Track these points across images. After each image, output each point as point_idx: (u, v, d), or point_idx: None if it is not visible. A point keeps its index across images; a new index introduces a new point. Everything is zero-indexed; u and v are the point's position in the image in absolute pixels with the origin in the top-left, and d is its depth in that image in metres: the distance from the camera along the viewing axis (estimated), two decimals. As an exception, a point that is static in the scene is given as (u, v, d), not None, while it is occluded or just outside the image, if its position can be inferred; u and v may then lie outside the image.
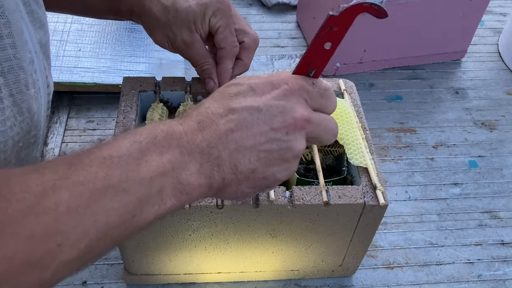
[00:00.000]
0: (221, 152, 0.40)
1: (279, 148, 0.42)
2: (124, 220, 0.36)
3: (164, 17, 0.64)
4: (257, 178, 0.42)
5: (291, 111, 0.42)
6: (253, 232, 0.63)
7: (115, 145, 0.37)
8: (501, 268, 0.78)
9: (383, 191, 0.60)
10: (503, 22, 1.24)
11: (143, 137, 0.38)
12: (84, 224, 0.34)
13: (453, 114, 1.02)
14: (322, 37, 0.43)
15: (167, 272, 0.70)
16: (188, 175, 0.38)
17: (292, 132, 0.42)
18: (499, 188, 0.89)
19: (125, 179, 0.36)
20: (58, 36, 1.01)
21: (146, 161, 0.37)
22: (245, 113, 0.41)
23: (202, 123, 0.40)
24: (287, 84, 0.43)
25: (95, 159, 0.36)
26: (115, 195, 0.35)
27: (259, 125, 0.41)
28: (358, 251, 0.69)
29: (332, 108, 0.45)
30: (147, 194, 0.37)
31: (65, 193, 0.33)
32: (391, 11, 0.97)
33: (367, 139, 0.66)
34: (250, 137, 0.40)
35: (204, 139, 0.39)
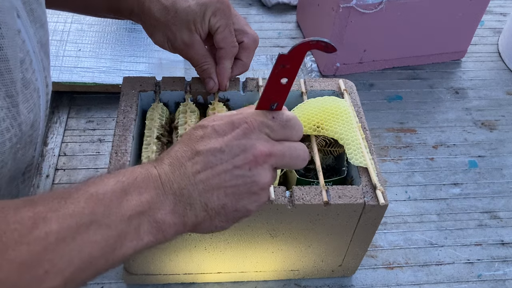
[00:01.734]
0: (191, 192, 0.43)
1: (245, 183, 0.45)
2: (106, 253, 0.39)
3: (164, 17, 0.64)
4: (228, 212, 0.45)
5: (251, 149, 0.44)
6: (253, 232, 0.63)
7: (101, 183, 0.41)
8: (501, 268, 0.78)
9: (383, 191, 0.60)
10: (503, 22, 1.24)
11: (125, 178, 0.41)
12: (70, 253, 0.37)
13: (453, 114, 1.02)
14: (276, 74, 0.45)
15: (167, 272, 0.70)
16: (163, 214, 0.42)
17: (254, 168, 0.45)
18: (499, 188, 0.89)
19: (108, 215, 0.39)
20: (58, 36, 1.01)
21: (127, 200, 0.40)
22: (209, 155, 0.44)
23: (172, 165, 0.44)
24: (246, 122, 0.46)
25: (82, 194, 0.39)
26: (99, 229, 0.38)
27: (222, 164, 0.44)
28: (358, 251, 0.69)
29: (296, 136, 0.48)
30: (126, 230, 0.40)
31: (55, 225, 0.36)
32: (391, 11, 0.97)
33: (367, 139, 0.66)
34: (215, 177, 0.44)
35: (175, 181, 0.43)
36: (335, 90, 0.72)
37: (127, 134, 0.63)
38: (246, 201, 0.46)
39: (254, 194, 0.46)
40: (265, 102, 0.47)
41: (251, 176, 0.45)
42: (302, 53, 0.44)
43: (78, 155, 0.88)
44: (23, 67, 0.49)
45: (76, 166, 0.86)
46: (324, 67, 1.05)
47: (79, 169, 0.86)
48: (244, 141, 0.45)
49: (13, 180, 0.55)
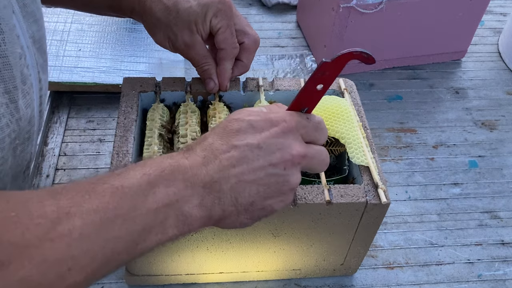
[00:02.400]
0: (222, 186, 0.43)
1: (277, 182, 0.45)
2: (129, 247, 0.39)
3: (165, 17, 0.64)
4: (256, 209, 0.45)
5: (289, 148, 0.45)
6: (255, 232, 0.63)
7: (127, 176, 0.40)
8: (501, 268, 0.79)
9: (385, 190, 0.60)
10: (503, 22, 1.24)
11: (152, 170, 0.41)
12: (94, 250, 0.36)
13: (453, 114, 1.02)
14: (315, 80, 0.46)
15: (168, 273, 0.70)
16: (191, 207, 0.41)
17: (290, 168, 0.45)
18: (499, 188, 0.89)
19: (134, 209, 0.38)
20: (58, 36, 1.01)
21: (153, 193, 0.40)
22: (246, 150, 0.43)
23: (206, 158, 0.43)
24: (285, 121, 0.46)
25: (108, 188, 0.38)
26: (123, 224, 0.38)
27: (258, 161, 0.44)
28: (360, 250, 0.69)
29: (323, 139, 0.49)
30: (151, 224, 0.39)
31: (78, 220, 0.36)
32: (391, 11, 0.97)
33: (367, 138, 0.66)
34: (250, 172, 0.43)
35: (208, 174, 0.42)
36: (335, 89, 0.73)
37: (128, 135, 0.63)
38: (273, 200, 0.46)
39: (282, 194, 0.46)
40: (297, 105, 0.48)
41: (284, 176, 0.45)
42: (344, 62, 0.45)
43: (78, 155, 0.88)
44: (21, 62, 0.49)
45: (76, 166, 0.86)
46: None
47: (79, 169, 0.86)
48: (282, 140, 0.45)
49: (16, 178, 0.55)
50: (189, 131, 0.65)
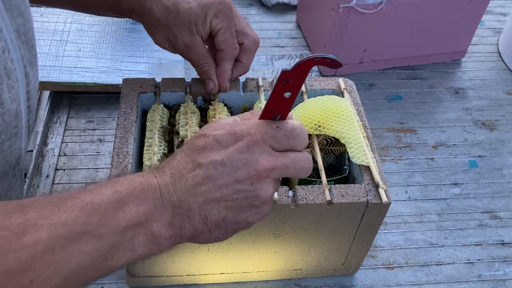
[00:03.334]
0: (191, 205, 0.43)
1: (246, 197, 0.44)
2: (96, 263, 0.38)
3: (165, 18, 0.63)
4: (228, 224, 0.45)
5: (254, 163, 0.44)
6: (256, 232, 0.63)
7: (98, 192, 0.40)
8: (501, 268, 0.79)
9: (386, 189, 0.60)
10: (503, 22, 1.24)
11: (123, 188, 0.41)
12: (58, 263, 0.36)
13: (453, 114, 1.02)
14: (280, 89, 0.45)
15: (169, 274, 0.70)
16: (160, 227, 0.42)
17: (257, 182, 0.44)
18: (499, 188, 0.89)
19: (102, 226, 0.38)
20: (58, 36, 1.01)
21: (123, 210, 0.40)
22: (210, 167, 0.43)
23: (173, 177, 0.43)
24: (249, 134, 0.44)
25: (78, 203, 0.38)
26: (91, 239, 0.38)
27: (223, 178, 0.43)
28: (361, 250, 0.69)
29: (301, 145, 0.47)
30: (119, 241, 0.39)
31: (45, 233, 0.36)
32: (391, 11, 0.97)
33: (368, 138, 0.66)
34: (216, 190, 0.43)
35: (176, 193, 0.42)
36: (335, 89, 0.73)
37: (128, 136, 0.63)
38: (247, 214, 0.45)
39: (255, 207, 0.45)
40: (268, 114, 0.47)
41: (252, 191, 0.44)
42: (306, 69, 0.44)
43: (78, 155, 0.88)
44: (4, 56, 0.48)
45: (76, 166, 0.86)
46: (324, 67, 1.05)
47: (79, 169, 0.86)
48: (247, 155, 0.44)
49: (6, 174, 0.55)
50: (189, 132, 0.65)
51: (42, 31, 1.02)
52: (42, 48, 0.98)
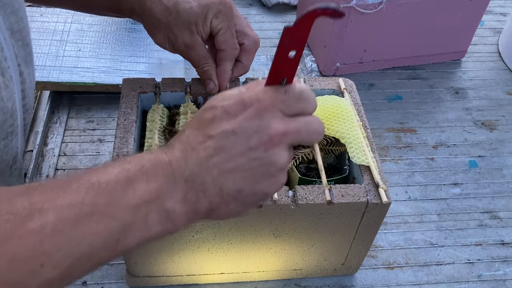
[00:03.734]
0: (204, 178, 0.41)
1: (261, 165, 0.42)
2: (108, 244, 0.38)
3: (165, 18, 0.63)
4: (246, 196, 0.43)
5: (266, 129, 0.42)
6: (256, 232, 0.63)
7: (104, 171, 0.39)
8: (501, 268, 0.79)
9: (386, 189, 0.60)
10: (503, 22, 1.24)
11: (131, 165, 0.40)
12: (68, 246, 0.35)
13: (453, 114, 1.02)
14: (283, 49, 0.43)
15: (169, 274, 0.70)
16: (173, 203, 0.40)
17: (271, 148, 0.42)
18: (499, 188, 0.89)
19: (112, 205, 0.38)
20: (58, 36, 1.01)
21: (133, 189, 0.39)
22: (222, 138, 0.42)
23: (184, 151, 0.42)
24: (258, 101, 0.43)
25: (83, 184, 0.38)
26: (101, 220, 0.37)
27: (236, 147, 0.42)
28: (361, 250, 0.69)
29: (311, 108, 0.45)
30: (132, 220, 0.38)
31: (51, 216, 0.35)
32: (391, 11, 0.97)
33: (368, 138, 0.66)
34: (230, 160, 0.42)
35: (187, 168, 0.41)
36: (335, 89, 0.73)
37: (128, 136, 0.63)
38: (263, 184, 0.43)
39: (271, 176, 0.43)
40: (274, 78, 0.45)
41: (267, 158, 0.42)
42: (310, 23, 0.41)
43: (78, 155, 0.88)
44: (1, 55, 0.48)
45: (76, 166, 0.86)
46: (324, 67, 1.05)
47: (79, 169, 0.86)
48: (258, 122, 0.42)
49: (2, 173, 0.54)
50: (189, 131, 0.65)
51: (42, 31, 1.02)
52: (42, 48, 0.98)
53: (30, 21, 1.03)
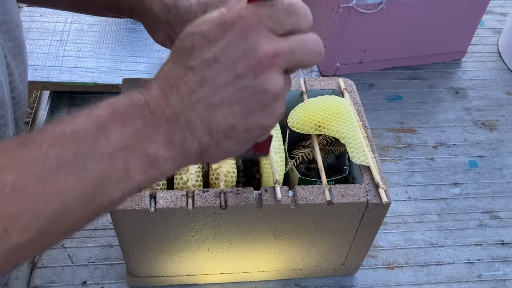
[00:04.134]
0: (189, 116, 0.36)
1: (252, 94, 0.36)
2: (83, 200, 0.34)
3: (165, 16, 0.63)
4: (239, 132, 0.38)
5: (253, 51, 0.36)
6: (256, 232, 0.63)
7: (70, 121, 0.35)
8: (501, 268, 0.79)
9: (386, 189, 0.60)
10: (503, 22, 1.24)
11: (101, 111, 0.35)
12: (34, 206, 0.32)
13: (453, 114, 1.02)
14: None
15: (169, 274, 0.70)
16: (156, 147, 0.36)
17: (261, 74, 0.36)
18: (499, 188, 0.89)
19: (81, 156, 0.34)
20: (58, 36, 1.01)
21: (105, 136, 0.34)
22: (203, 68, 0.36)
23: (163, 89, 0.37)
24: (241, 18, 0.36)
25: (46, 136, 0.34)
26: (69, 173, 0.33)
27: (220, 77, 0.36)
28: (361, 250, 0.69)
29: (306, 22, 0.38)
30: (108, 171, 0.34)
31: (10, 174, 0.32)
32: (391, 11, 0.97)
33: (368, 138, 0.66)
34: (215, 92, 0.36)
35: (168, 106, 0.36)
36: (335, 89, 0.72)
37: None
38: (258, 116, 0.37)
39: (266, 106, 0.37)
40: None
41: (258, 85, 0.36)
42: None
43: (78, 155, 0.88)
44: None
45: (76, 166, 0.86)
46: (324, 67, 1.05)
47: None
48: (242, 44, 0.36)
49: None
50: (189, 131, 0.65)
51: (42, 31, 1.02)
52: (42, 48, 0.98)
53: (30, 21, 1.04)
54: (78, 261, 0.75)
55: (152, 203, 0.58)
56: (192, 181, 0.61)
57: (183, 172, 0.61)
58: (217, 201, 0.58)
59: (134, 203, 0.57)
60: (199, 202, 0.58)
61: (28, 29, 1.02)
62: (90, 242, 0.77)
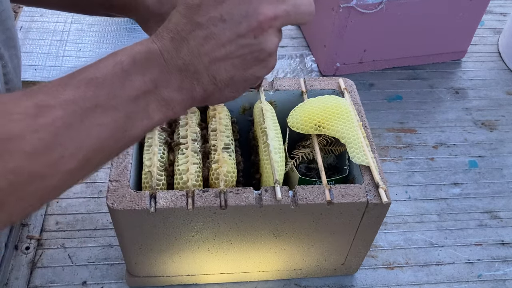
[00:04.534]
0: (197, 67, 0.42)
1: (251, 51, 0.42)
2: (115, 134, 0.39)
3: (158, 9, 0.63)
4: (238, 82, 0.44)
5: (254, 14, 0.41)
6: (256, 232, 0.63)
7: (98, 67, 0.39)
8: (501, 268, 0.79)
9: (386, 189, 0.60)
10: (503, 22, 1.24)
11: (124, 58, 0.40)
12: (80, 137, 0.37)
13: (453, 114, 1.02)
14: None
15: (169, 274, 0.70)
16: (170, 92, 0.41)
17: (261, 34, 0.42)
18: (499, 188, 0.89)
19: (113, 97, 0.39)
20: (58, 36, 1.01)
21: (130, 81, 0.39)
22: (210, 25, 0.41)
23: (174, 40, 0.41)
24: None
25: (81, 80, 0.38)
26: (105, 112, 0.38)
27: (225, 34, 0.41)
28: (361, 250, 0.69)
29: None
30: (134, 111, 0.40)
31: (59, 111, 0.36)
32: (391, 11, 0.97)
33: (368, 138, 0.66)
34: (220, 48, 0.42)
35: (179, 57, 0.41)
36: (335, 89, 0.72)
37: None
38: (254, 69, 0.44)
39: (262, 61, 0.44)
40: None
41: (257, 44, 0.42)
42: None
43: (78, 155, 0.88)
44: None
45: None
46: (324, 67, 1.05)
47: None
48: (246, 6, 0.41)
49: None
50: (189, 132, 0.65)
51: (42, 31, 1.02)
52: (42, 48, 0.98)
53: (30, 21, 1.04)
54: (78, 261, 0.75)
55: (152, 203, 0.57)
56: (192, 181, 0.61)
57: (183, 172, 0.61)
58: (217, 201, 0.58)
59: (134, 203, 0.57)
60: (199, 202, 0.58)
61: (28, 29, 1.02)
62: (90, 242, 0.77)
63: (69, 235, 0.78)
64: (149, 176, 0.61)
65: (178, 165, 0.62)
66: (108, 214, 0.62)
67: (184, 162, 0.62)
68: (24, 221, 0.79)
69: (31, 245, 0.76)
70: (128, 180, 0.59)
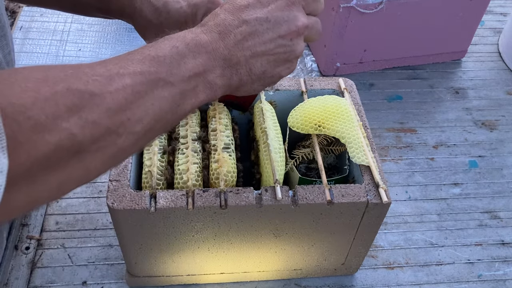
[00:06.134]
0: (239, 58, 0.47)
1: (285, 52, 0.49)
2: (172, 108, 0.43)
3: (156, 19, 0.63)
4: (267, 77, 0.50)
5: (294, 20, 0.48)
6: (257, 232, 0.63)
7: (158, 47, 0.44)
8: (501, 268, 0.79)
9: (386, 189, 0.60)
10: (503, 22, 1.24)
11: (178, 44, 0.45)
12: (145, 105, 0.41)
13: (453, 114, 1.02)
14: None
15: (169, 274, 0.70)
16: (214, 77, 0.46)
17: (295, 38, 0.49)
18: (499, 188, 0.89)
19: (171, 75, 0.43)
20: (58, 36, 1.01)
21: (184, 62, 0.44)
22: (256, 24, 0.47)
23: (222, 33, 0.47)
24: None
25: (146, 57, 0.42)
26: (165, 86, 0.42)
27: (268, 33, 0.48)
28: (361, 250, 0.69)
29: (320, 10, 0.52)
30: (186, 89, 0.44)
31: (128, 79, 0.40)
32: (391, 11, 0.97)
33: (368, 138, 0.66)
34: (261, 44, 0.48)
35: (226, 48, 0.46)
36: (335, 89, 0.72)
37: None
38: (282, 68, 0.50)
39: (289, 62, 0.50)
40: None
41: (291, 46, 0.49)
42: None
43: (78, 155, 0.88)
44: None
45: (76, 166, 0.86)
46: (324, 67, 1.05)
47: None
48: (287, 13, 0.48)
49: None
50: (189, 132, 0.65)
51: (42, 31, 1.02)
52: (42, 48, 0.98)
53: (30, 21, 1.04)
54: (78, 261, 0.75)
55: (152, 203, 0.57)
56: (192, 181, 0.61)
57: (183, 172, 0.61)
58: (217, 201, 0.58)
59: (134, 203, 0.57)
60: (199, 201, 0.58)
61: (28, 29, 1.02)
62: (90, 242, 0.77)
63: (69, 235, 0.78)
64: (149, 176, 0.61)
65: (178, 165, 0.62)
66: (108, 214, 0.62)
67: (184, 162, 0.62)
68: (24, 221, 0.79)
69: (31, 245, 0.76)
70: (128, 179, 0.59)
